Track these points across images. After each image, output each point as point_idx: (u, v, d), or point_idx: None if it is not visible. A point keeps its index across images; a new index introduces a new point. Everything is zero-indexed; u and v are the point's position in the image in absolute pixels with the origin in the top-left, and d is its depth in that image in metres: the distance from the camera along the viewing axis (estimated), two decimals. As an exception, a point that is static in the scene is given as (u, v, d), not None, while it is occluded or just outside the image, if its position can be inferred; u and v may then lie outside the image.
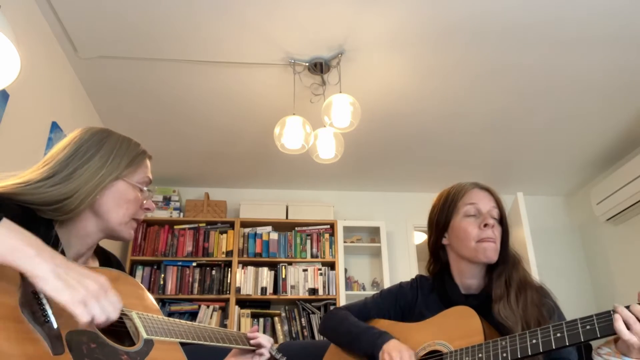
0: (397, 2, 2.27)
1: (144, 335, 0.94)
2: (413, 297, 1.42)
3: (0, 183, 0.95)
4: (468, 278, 1.33)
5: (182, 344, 1.02)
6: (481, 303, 1.26)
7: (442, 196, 1.39)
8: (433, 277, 1.43)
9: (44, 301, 0.78)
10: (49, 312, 0.78)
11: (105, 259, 1.15)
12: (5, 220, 0.73)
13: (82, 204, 0.97)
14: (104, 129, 1.09)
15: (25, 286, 0.78)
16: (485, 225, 1.28)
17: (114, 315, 0.78)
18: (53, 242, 0.95)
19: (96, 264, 1.11)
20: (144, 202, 1.09)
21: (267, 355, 1.23)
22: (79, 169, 0.98)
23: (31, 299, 0.78)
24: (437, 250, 1.40)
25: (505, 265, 1.29)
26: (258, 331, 1.25)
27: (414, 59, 2.69)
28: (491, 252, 1.27)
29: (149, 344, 0.94)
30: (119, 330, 0.94)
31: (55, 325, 0.78)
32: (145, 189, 1.08)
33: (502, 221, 1.32)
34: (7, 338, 0.71)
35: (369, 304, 1.47)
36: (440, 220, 1.36)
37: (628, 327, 0.92)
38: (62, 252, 0.97)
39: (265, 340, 1.23)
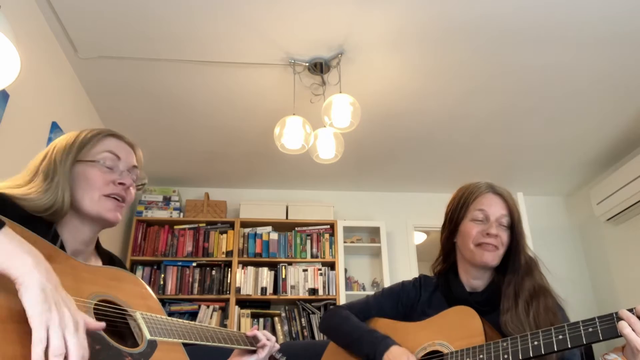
0: (397, 2, 2.27)
1: (147, 336, 0.93)
2: (416, 296, 1.41)
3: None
4: (473, 279, 1.34)
5: (184, 344, 1.02)
6: (484, 300, 1.26)
7: (457, 195, 1.40)
8: (437, 276, 1.43)
9: None
10: None
11: (109, 260, 1.15)
12: (6, 228, 0.73)
13: (64, 203, 0.98)
14: (70, 132, 1.10)
15: None
16: (488, 234, 1.28)
17: (74, 355, 0.68)
18: (52, 237, 0.96)
19: (99, 262, 1.11)
20: (116, 177, 1.06)
21: (269, 346, 1.23)
22: (54, 173, 1.01)
23: None
24: (448, 248, 1.40)
25: (515, 274, 1.26)
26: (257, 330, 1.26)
27: (413, 59, 2.69)
28: (488, 257, 1.28)
29: (152, 344, 0.93)
30: (122, 330, 0.94)
31: None
32: (104, 162, 1.05)
33: (513, 228, 1.30)
34: (9, 340, 0.70)
35: (370, 302, 1.46)
36: (452, 219, 1.38)
37: (634, 330, 0.90)
38: (62, 246, 0.98)
39: (262, 335, 1.24)
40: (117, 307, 0.94)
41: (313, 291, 3.81)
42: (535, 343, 1.00)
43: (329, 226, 4.08)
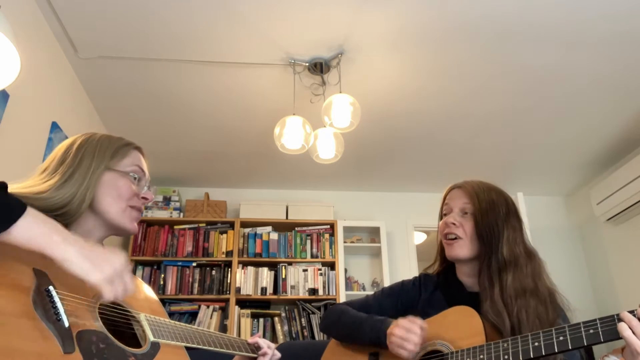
0: (397, 2, 2.27)
1: (151, 338, 0.94)
2: (415, 296, 1.41)
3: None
4: (464, 275, 1.34)
5: (187, 348, 1.02)
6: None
7: None
8: (437, 275, 1.43)
9: (56, 299, 0.79)
10: (61, 310, 0.79)
11: None
12: (30, 209, 0.76)
13: (82, 204, 0.98)
14: (91, 132, 1.11)
15: (38, 284, 0.79)
16: (446, 223, 1.33)
17: (131, 291, 0.87)
18: None
19: None
20: (140, 191, 1.10)
21: (270, 354, 1.24)
22: (75, 172, 1.00)
23: (44, 296, 0.79)
24: (441, 249, 1.41)
25: (488, 264, 1.25)
26: (260, 337, 1.28)
27: (413, 59, 2.69)
28: (452, 250, 1.31)
29: (155, 346, 0.94)
30: (125, 331, 0.95)
31: (66, 324, 0.78)
32: (135, 176, 1.09)
33: (478, 215, 1.28)
34: (20, 335, 0.71)
35: (370, 301, 1.46)
36: (439, 220, 1.41)
37: (634, 332, 0.90)
38: None
39: (263, 342, 1.25)
40: (121, 308, 0.95)
41: (313, 291, 3.81)
42: (536, 344, 1.00)
43: (329, 226, 4.08)
